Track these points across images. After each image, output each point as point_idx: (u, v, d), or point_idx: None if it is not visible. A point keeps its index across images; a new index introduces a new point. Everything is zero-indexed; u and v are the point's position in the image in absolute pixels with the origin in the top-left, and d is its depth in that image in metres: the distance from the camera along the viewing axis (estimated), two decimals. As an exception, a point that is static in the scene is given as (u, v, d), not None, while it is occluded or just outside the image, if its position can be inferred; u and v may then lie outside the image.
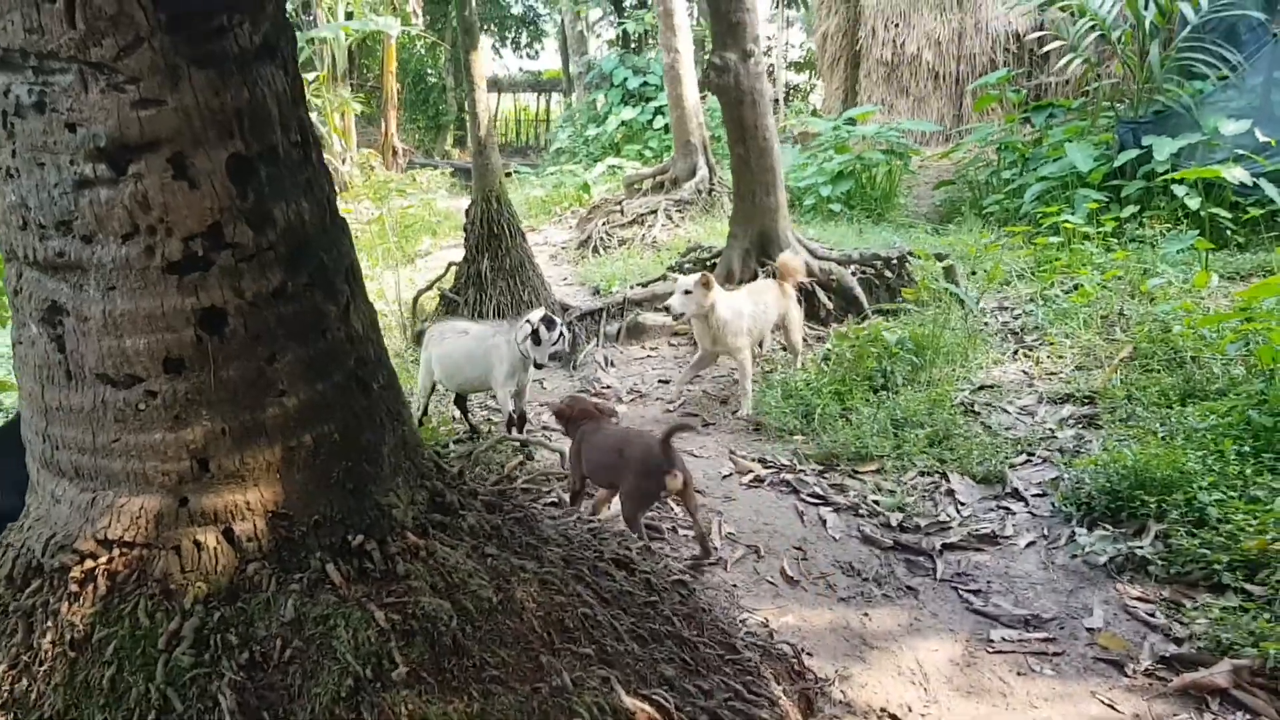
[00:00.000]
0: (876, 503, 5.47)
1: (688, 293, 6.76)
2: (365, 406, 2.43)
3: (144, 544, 2.26)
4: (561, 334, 5.95)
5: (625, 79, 21.87)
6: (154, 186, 2.12)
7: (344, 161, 17.61)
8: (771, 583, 4.72)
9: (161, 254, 2.16)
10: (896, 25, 17.95)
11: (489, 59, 36.64)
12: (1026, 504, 5.32)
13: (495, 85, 33.85)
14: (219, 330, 2.24)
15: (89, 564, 2.24)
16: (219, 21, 2.13)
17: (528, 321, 5.96)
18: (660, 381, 7.74)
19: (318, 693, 2.13)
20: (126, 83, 2.06)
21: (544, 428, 6.77)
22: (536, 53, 40.19)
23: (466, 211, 9.09)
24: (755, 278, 8.69)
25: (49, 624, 2.21)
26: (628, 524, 4.59)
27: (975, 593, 4.51)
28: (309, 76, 13.47)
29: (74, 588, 2.23)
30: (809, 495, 5.62)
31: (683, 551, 4.93)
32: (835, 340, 7.54)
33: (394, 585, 2.31)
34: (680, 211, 13.26)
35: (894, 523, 5.24)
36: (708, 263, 9.36)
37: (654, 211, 13.20)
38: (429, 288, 9.40)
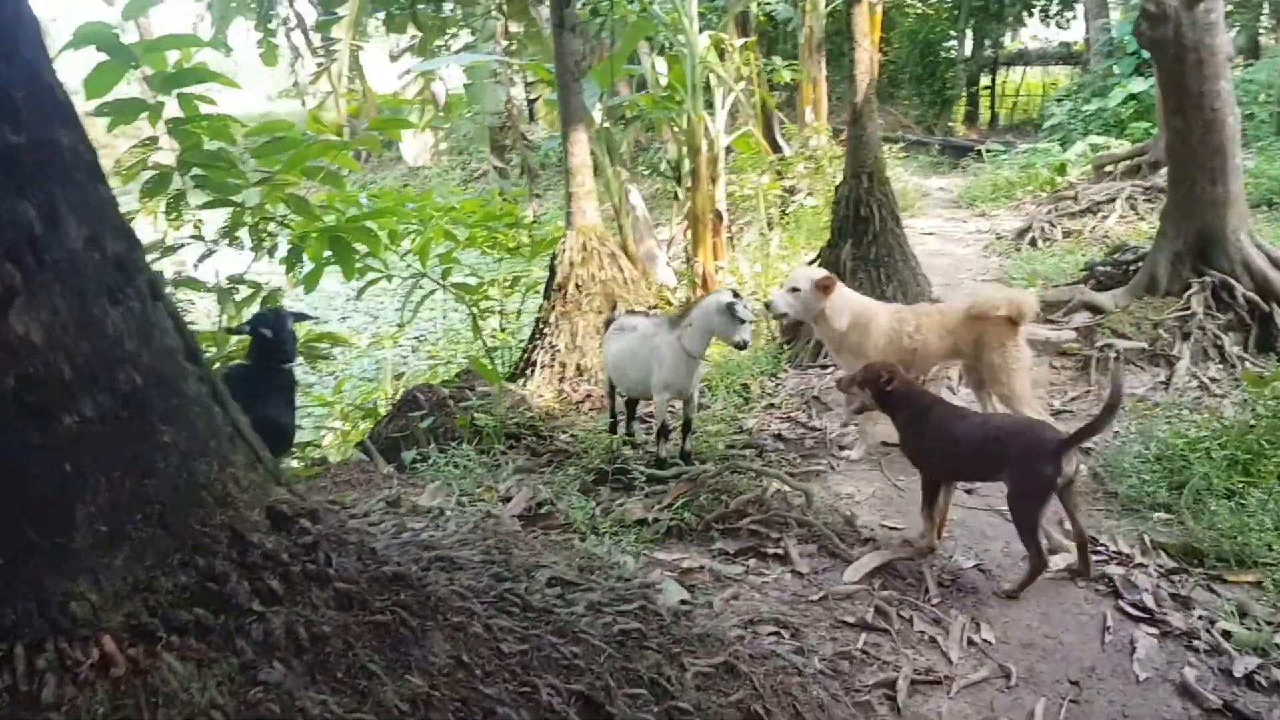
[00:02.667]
0: (1227, 634, 3.75)
1: (795, 290, 5.55)
2: (38, 447, 1.74)
3: None
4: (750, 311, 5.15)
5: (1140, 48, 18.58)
6: None
7: (809, 136, 16.95)
8: (1006, 732, 3.34)
9: None
10: None
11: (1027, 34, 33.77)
12: None
13: (1022, 58, 31.31)
14: None
15: None
16: None
17: (730, 295, 5.10)
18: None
19: None
20: None
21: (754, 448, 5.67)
22: (1068, 21, 36.71)
23: (835, 190, 8.04)
24: (1186, 290, 6.69)
25: None
26: (1027, 531, 4.00)
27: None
28: (737, 42, 12.92)
29: None
30: (1131, 605, 4.01)
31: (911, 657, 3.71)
32: (1249, 385, 5.47)
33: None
34: (1149, 201, 10.86)
35: (1240, 671, 3.53)
36: (1131, 266, 7.42)
37: (1113, 199, 10.98)
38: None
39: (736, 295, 5.14)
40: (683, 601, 3.86)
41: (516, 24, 13.68)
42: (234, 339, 5.77)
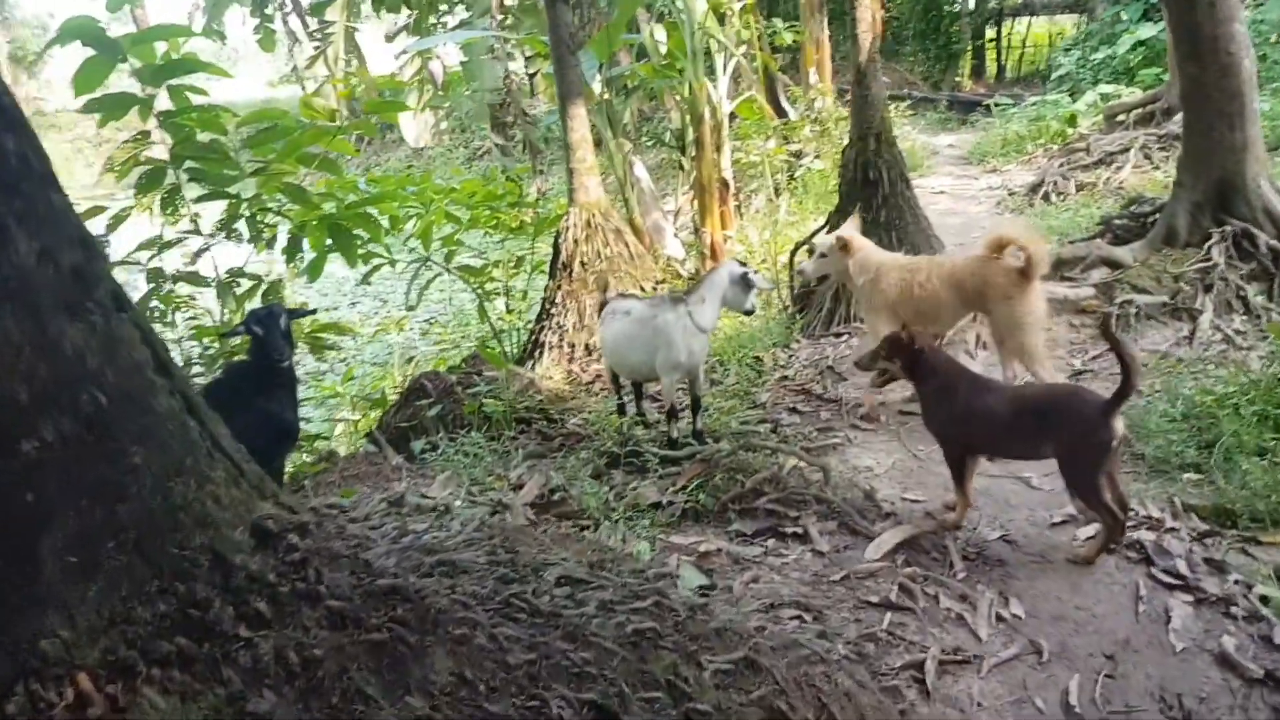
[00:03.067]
0: (1265, 599, 3.62)
1: (822, 256, 5.83)
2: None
3: None
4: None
5: (1149, -10, 18.29)
6: None
7: (814, 98, 16.66)
8: (1040, 710, 3.22)
9: None
10: None
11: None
12: None
13: (1027, 8, 30.75)
14: None
15: None
16: None
17: (738, 267, 5.13)
18: (1040, 373, 6.03)
19: None
20: None
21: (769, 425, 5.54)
22: (1070, -35, 36.09)
23: (842, 153, 7.85)
24: (1206, 240, 6.51)
25: None
26: (1090, 496, 3.84)
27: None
28: (736, 5, 12.66)
29: None
30: (1164, 572, 3.88)
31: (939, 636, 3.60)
32: (1276, 336, 5.29)
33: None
34: (1164, 149, 10.59)
35: (1280, 639, 3.41)
36: (1148, 219, 7.22)
37: (1126, 149, 10.73)
38: (805, 242, 8.29)
39: (743, 264, 5.13)
40: (701, 588, 3.76)
41: (512, -2, 13.48)
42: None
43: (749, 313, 5.25)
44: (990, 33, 29.92)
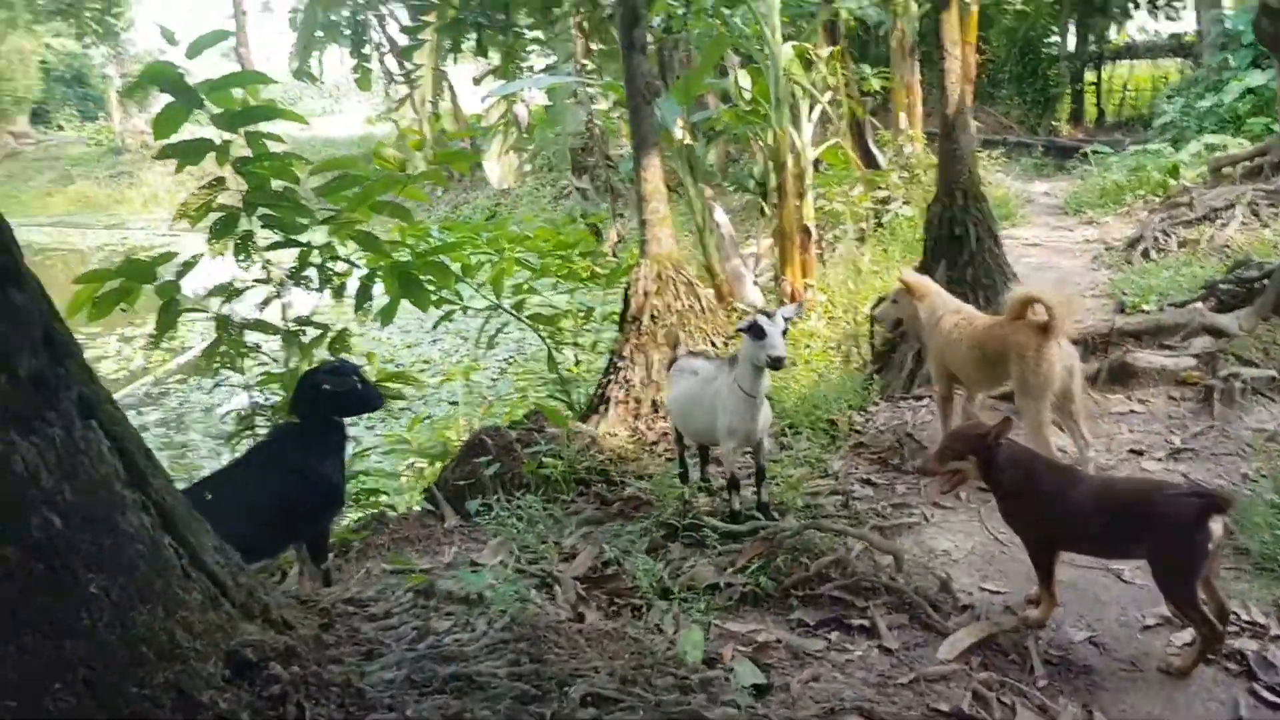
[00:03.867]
0: (1391, 732, 3.21)
1: (895, 301, 5.75)
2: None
3: None
4: (786, 330, 4.58)
5: (1257, 38, 17.47)
6: None
7: (903, 144, 16.29)
8: None
9: None
10: None
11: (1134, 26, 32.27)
12: None
13: (1129, 51, 29.94)
14: None
15: None
16: None
17: (755, 313, 4.69)
18: (1132, 452, 5.61)
19: None
20: None
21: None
22: (1178, 12, 34.95)
23: (928, 207, 7.55)
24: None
25: None
26: (1186, 605, 3.47)
27: None
28: (823, 51, 12.45)
29: None
30: (1268, 688, 3.48)
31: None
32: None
33: None
34: (1273, 206, 10.02)
35: None
36: (1256, 283, 6.75)
37: (1232, 205, 10.18)
38: (884, 299, 7.98)
39: (767, 313, 4.65)
40: (755, 687, 3.49)
41: (597, 43, 13.47)
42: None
43: (775, 365, 4.62)
44: (1090, 76, 29.17)
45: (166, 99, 5.76)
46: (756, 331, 4.53)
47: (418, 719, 1.90)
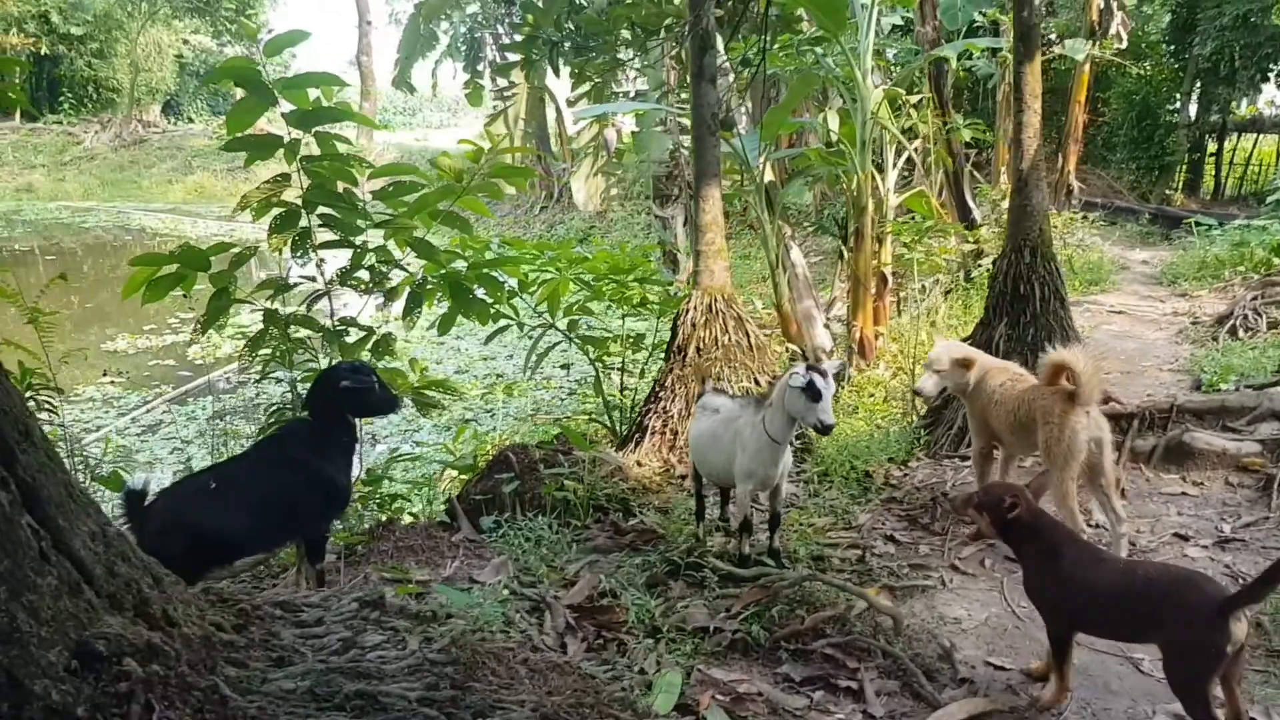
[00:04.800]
0: None
1: (938, 371, 5.38)
2: None
3: None
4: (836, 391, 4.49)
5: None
6: None
7: (998, 198, 15.87)
8: None
9: None
10: None
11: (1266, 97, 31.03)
12: None
13: (1255, 125, 28.83)
14: None
15: None
16: None
17: (802, 371, 4.38)
18: (1176, 536, 5.28)
19: None
20: None
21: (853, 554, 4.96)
22: (1313, 87, 33.58)
23: (994, 263, 7.30)
24: None
25: None
26: (1194, 705, 3.17)
27: None
28: (913, 98, 12.22)
29: None
30: (1281, 810, 3.20)
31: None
32: None
33: None
34: (1374, 293, 9.47)
35: None
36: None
37: (1333, 288, 9.64)
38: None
39: (819, 370, 4.40)
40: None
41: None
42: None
43: (823, 431, 4.48)
44: (1212, 146, 28.12)
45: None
46: (813, 393, 4.33)
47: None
